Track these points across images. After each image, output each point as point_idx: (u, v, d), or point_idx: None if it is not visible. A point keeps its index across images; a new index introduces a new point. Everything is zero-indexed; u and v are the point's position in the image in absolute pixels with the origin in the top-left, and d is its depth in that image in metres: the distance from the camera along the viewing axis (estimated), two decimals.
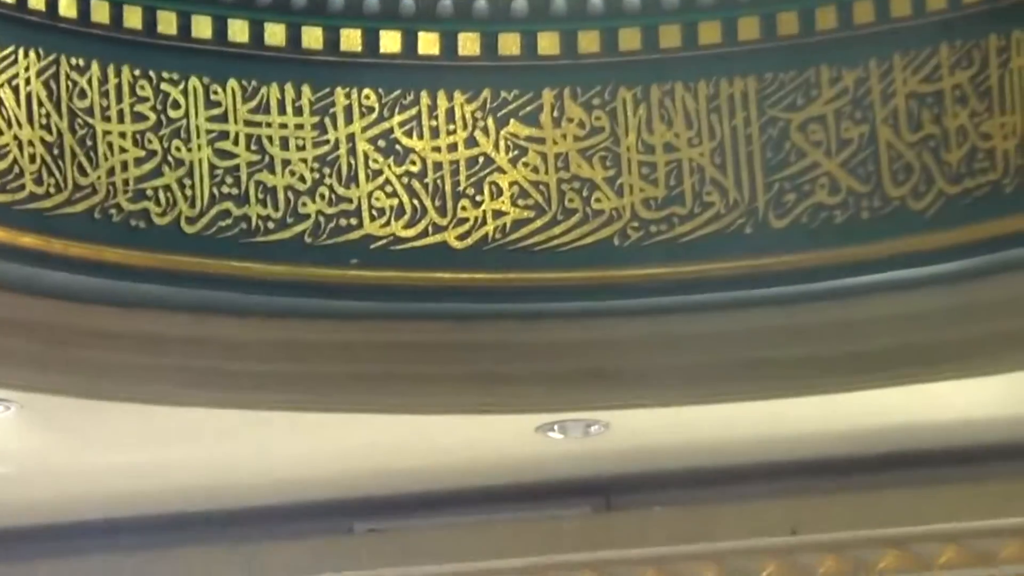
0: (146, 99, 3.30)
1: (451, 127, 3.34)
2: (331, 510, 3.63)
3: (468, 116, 3.35)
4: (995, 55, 3.25)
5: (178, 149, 3.30)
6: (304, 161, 3.32)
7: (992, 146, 3.26)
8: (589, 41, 3.35)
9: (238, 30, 3.34)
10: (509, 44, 3.35)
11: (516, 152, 3.35)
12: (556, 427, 3.41)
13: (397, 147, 3.34)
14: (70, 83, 3.26)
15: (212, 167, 3.31)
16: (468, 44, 3.35)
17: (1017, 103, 3.24)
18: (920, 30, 3.30)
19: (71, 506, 3.73)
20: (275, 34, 3.34)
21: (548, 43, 3.34)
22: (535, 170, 3.34)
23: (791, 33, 3.33)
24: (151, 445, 3.41)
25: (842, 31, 3.32)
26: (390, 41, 3.35)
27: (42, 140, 3.23)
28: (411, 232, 3.33)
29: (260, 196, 3.31)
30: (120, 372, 3.24)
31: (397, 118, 3.34)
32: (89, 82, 3.27)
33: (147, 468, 3.55)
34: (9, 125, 3.20)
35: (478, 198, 3.33)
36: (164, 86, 3.31)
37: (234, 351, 3.26)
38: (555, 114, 3.35)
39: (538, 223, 3.34)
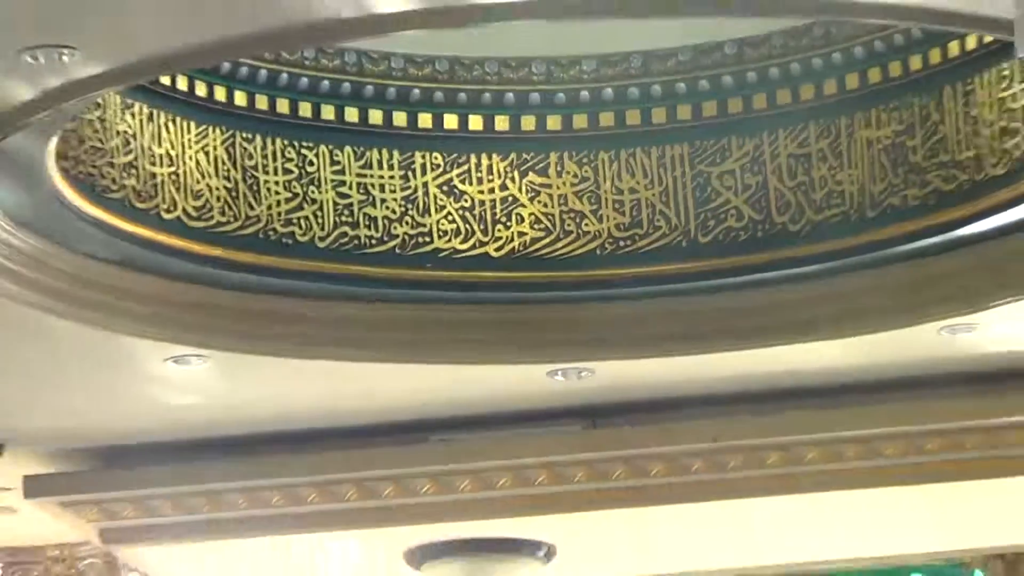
0: (291, 159, 5.02)
1: (490, 177, 5.06)
2: (414, 427, 5.42)
3: (502, 170, 5.06)
4: (844, 129, 4.94)
5: (312, 192, 5.03)
6: (395, 200, 5.05)
7: (843, 189, 4.95)
8: (580, 120, 5.05)
9: (351, 114, 5.05)
10: (528, 123, 5.06)
11: (532, 193, 5.07)
12: (559, 373, 5.14)
13: (456, 190, 5.06)
14: (242, 149, 4.97)
15: (335, 204, 5.03)
16: (501, 123, 5.06)
17: (858, 161, 4.93)
18: (797, 113, 5.00)
19: (238, 424, 5.50)
20: (375, 116, 5.05)
21: (552, 122, 5.05)
22: (545, 205, 5.06)
23: (712, 115, 5.03)
24: (298, 384, 5.18)
25: (746, 114, 5.02)
26: (450, 121, 5.06)
27: (224, 187, 4.95)
28: (464, 246, 5.05)
29: (366, 223, 5.04)
30: (278, 338, 4.97)
31: (455, 171, 5.06)
32: (255, 148, 4.99)
33: (292, 400, 5.34)
34: (203, 176, 4.93)
35: (508, 224, 5.06)
36: (303, 151, 5.04)
37: (351, 324, 4.99)
38: (558, 168, 5.07)
39: (547, 240, 5.06)
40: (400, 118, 5.04)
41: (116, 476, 5.57)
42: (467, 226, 5.06)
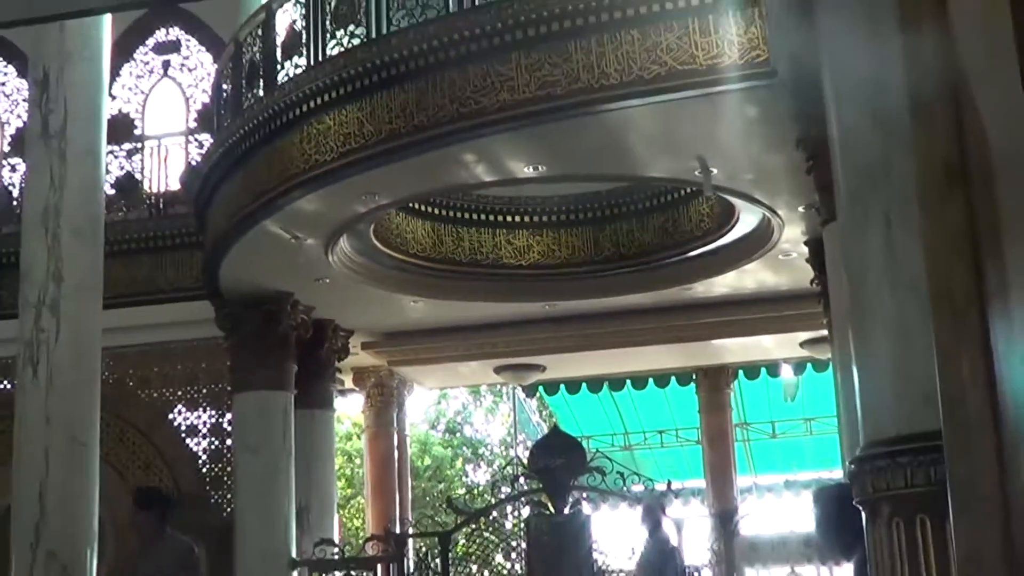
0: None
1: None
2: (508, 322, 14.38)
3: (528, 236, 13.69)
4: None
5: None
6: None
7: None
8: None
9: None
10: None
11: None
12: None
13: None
14: (438, 228, 13.67)
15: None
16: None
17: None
18: None
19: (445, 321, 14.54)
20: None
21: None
22: None
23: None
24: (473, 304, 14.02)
25: None
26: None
27: (429, 242, 13.66)
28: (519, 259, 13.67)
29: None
30: (448, 289, 13.69)
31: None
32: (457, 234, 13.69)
33: (470, 312, 14.25)
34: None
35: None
36: (459, 229, 13.70)
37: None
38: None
39: None
40: (491, 217, 13.62)
41: (393, 341, 14.64)
42: (514, 255, 13.60)
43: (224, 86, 11.70)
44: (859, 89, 4.50)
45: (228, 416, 13.70)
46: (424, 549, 13.19)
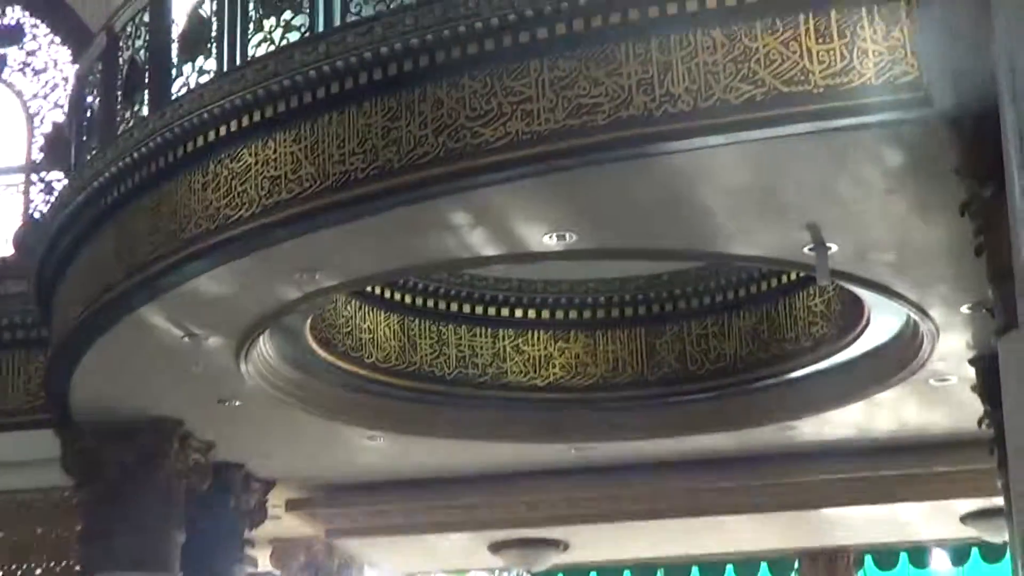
0: (432, 332, 13.73)
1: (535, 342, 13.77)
2: (498, 476, 14.39)
3: (543, 338, 13.74)
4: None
5: (444, 349, 13.73)
6: (487, 354, 13.72)
7: None
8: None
9: (465, 307, 13.76)
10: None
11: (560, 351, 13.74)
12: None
13: (520, 349, 13.70)
14: (408, 325, 13.71)
15: (457, 356, 13.71)
16: (546, 314, 13.72)
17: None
18: None
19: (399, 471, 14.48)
20: (479, 309, 13.76)
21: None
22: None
23: None
24: (432, 452, 14.01)
25: None
26: (519, 312, 13.71)
27: (397, 345, 13.70)
28: (524, 379, 13.71)
29: (472, 366, 13.72)
30: (424, 426, 13.69)
31: (520, 339, 13.71)
32: (415, 326, 13.73)
33: (429, 459, 14.22)
34: (386, 339, 13.70)
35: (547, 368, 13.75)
36: (441, 328, 13.72)
37: (461, 421, 13.78)
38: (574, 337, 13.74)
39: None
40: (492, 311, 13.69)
41: (334, 498, 14.63)
42: (525, 368, 13.66)
43: (89, 98, 11.74)
44: None
45: None
46: None
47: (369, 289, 13.06)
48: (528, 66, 8.82)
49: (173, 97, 10.38)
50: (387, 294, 13.41)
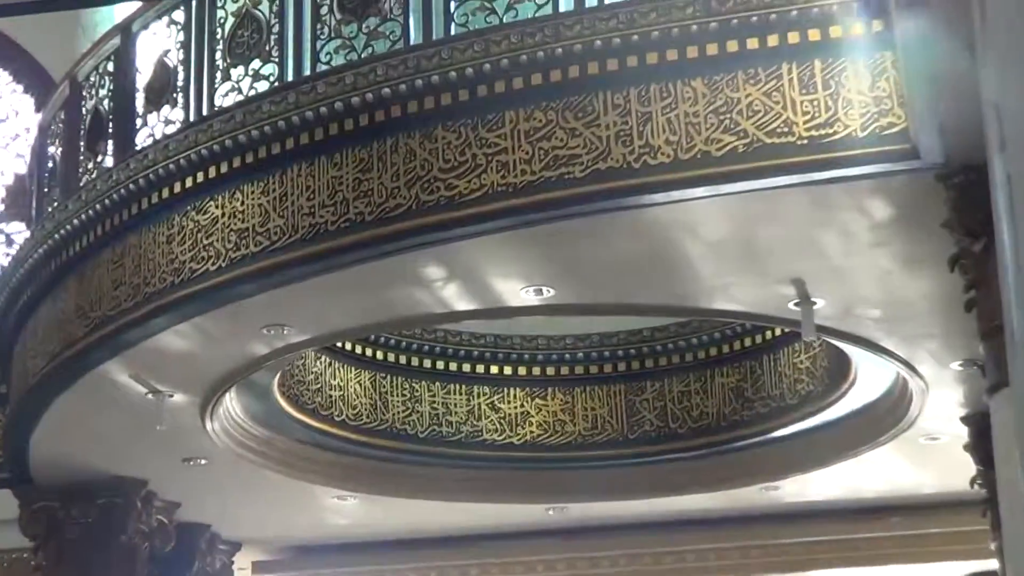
0: (406, 389, 13.65)
1: (512, 399, 13.66)
2: (464, 538, 14.21)
3: (519, 396, 13.64)
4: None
5: (416, 407, 13.65)
6: (461, 412, 13.63)
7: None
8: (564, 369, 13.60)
9: (439, 364, 13.67)
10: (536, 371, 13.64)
11: (537, 409, 13.63)
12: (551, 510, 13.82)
13: (495, 406, 13.61)
14: (379, 383, 13.61)
15: (430, 413, 13.63)
16: (522, 369, 13.62)
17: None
18: None
19: (371, 533, 14.31)
20: (453, 366, 13.66)
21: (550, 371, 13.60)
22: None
23: None
24: (405, 513, 13.89)
25: None
26: (495, 369, 13.61)
27: (369, 402, 13.60)
28: (500, 437, 13.61)
29: (447, 424, 13.64)
30: (395, 486, 13.59)
31: (495, 396, 13.62)
32: (387, 382, 13.64)
33: (401, 520, 14.09)
34: (357, 397, 13.61)
35: (524, 425, 13.64)
36: (413, 384, 13.65)
37: (436, 480, 13.68)
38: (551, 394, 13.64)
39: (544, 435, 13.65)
40: (467, 367, 13.62)
41: (303, 560, 14.49)
42: (501, 426, 13.59)
43: (51, 149, 11.73)
44: None
45: None
46: None
47: (340, 345, 12.98)
48: (503, 117, 8.77)
49: (138, 147, 10.30)
50: (358, 350, 13.37)
